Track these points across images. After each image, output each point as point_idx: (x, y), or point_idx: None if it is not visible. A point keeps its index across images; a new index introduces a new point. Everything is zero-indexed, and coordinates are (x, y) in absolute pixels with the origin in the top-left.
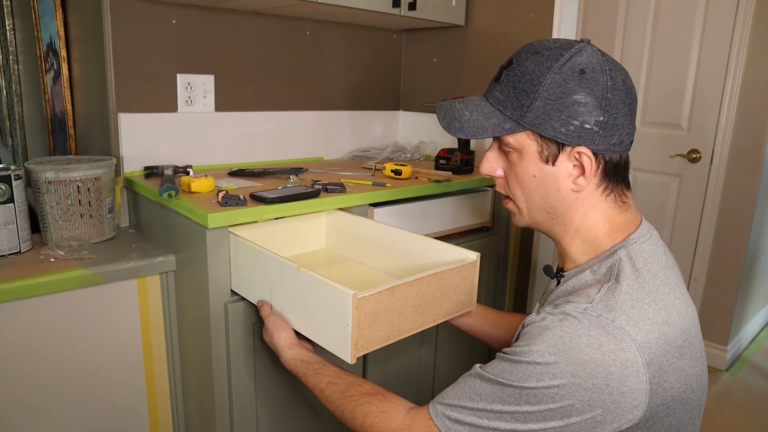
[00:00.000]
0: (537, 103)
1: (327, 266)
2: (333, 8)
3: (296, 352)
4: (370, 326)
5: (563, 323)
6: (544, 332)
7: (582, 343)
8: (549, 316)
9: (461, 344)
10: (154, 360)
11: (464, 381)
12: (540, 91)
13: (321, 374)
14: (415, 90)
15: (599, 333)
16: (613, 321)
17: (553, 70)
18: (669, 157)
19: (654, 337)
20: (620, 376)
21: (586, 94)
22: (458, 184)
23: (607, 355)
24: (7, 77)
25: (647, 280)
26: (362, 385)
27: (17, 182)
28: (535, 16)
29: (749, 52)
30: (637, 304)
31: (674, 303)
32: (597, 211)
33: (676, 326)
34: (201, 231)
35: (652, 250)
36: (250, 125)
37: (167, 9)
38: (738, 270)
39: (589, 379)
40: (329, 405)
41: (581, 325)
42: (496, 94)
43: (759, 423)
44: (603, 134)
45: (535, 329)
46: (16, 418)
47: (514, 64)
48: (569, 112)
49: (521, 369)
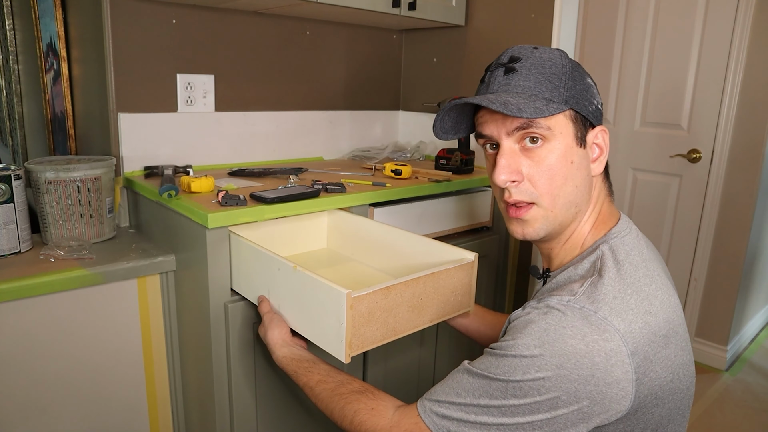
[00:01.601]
0: (569, 83)
1: (327, 266)
2: (333, 8)
3: (288, 350)
4: (365, 326)
5: (547, 316)
6: (529, 325)
7: (566, 335)
8: (533, 310)
9: (461, 344)
10: (154, 360)
11: (452, 377)
12: (567, 73)
13: (311, 372)
14: (415, 90)
15: (582, 324)
16: (596, 312)
17: (564, 57)
18: (669, 157)
19: (637, 326)
20: (605, 366)
21: (590, 79)
22: (458, 184)
23: (591, 346)
24: (7, 77)
25: (629, 272)
26: (352, 383)
27: (17, 182)
28: (535, 16)
29: (749, 52)
30: (620, 295)
31: (656, 293)
32: (597, 200)
33: (660, 316)
34: (201, 231)
35: (632, 243)
36: (250, 125)
37: (167, 9)
38: (738, 270)
39: (574, 370)
40: (319, 403)
41: (565, 317)
42: (520, 82)
43: (759, 423)
44: (601, 116)
45: (520, 323)
46: (16, 417)
47: (522, 58)
48: (589, 92)
49: (507, 362)
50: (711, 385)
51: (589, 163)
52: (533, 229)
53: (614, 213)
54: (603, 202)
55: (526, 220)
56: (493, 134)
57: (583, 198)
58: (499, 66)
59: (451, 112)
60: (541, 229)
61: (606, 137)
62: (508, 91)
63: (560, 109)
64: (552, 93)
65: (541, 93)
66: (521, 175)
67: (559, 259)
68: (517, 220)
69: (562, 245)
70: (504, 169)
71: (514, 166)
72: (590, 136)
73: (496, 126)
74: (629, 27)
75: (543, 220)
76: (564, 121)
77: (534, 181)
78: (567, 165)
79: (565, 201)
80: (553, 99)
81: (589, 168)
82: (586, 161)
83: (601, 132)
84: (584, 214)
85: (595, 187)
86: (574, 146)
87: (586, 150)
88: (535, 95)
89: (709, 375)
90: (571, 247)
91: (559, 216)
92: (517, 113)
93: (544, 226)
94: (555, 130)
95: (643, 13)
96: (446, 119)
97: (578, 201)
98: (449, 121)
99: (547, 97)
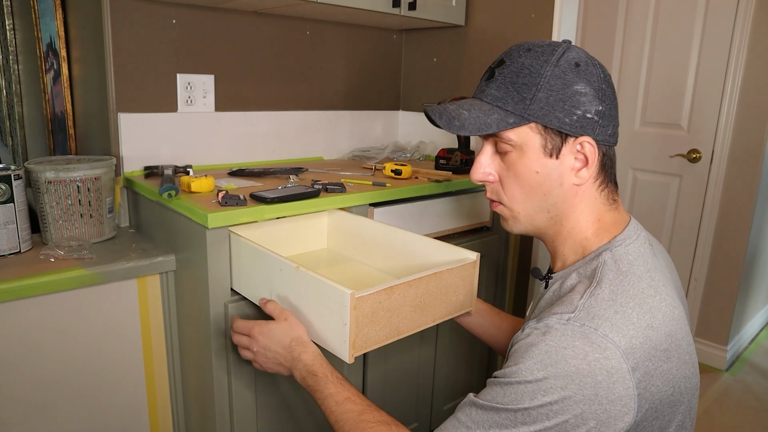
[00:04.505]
0: (540, 94)
1: (328, 266)
2: (333, 8)
3: (317, 349)
4: (369, 326)
5: (547, 337)
6: (530, 349)
7: (568, 355)
8: (533, 332)
9: (461, 344)
10: (154, 360)
11: (460, 411)
12: (542, 82)
13: (343, 385)
14: (415, 90)
15: (583, 343)
16: (596, 329)
17: (550, 62)
18: (669, 157)
19: (638, 342)
20: (607, 384)
21: (585, 84)
22: (458, 184)
23: (593, 365)
24: (7, 77)
25: (632, 283)
26: (379, 412)
27: (17, 182)
28: (535, 16)
29: (749, 52)
30: (620, 309)
31: (659, 306)
32: (591, 208)
33: (662, 330)
34: (201, 231)
35: (637, 252)
36: (250, 125)
37: (167, 9)
38: (738, 270)
39: (579, 391)
40: (338, 420)
41: (565, 337)
42: (492, 92)
43: (759, 423)
44: (601, 124)
45: (521, 347)
46: (16, 417)
47: (507, 62)
48: (572, 101)
49: (513, 390)
50: (711, 385)
51: (566, 172)
52: (507, 224)
53: (622, 219)
54: (601, 209)
55: (501, 215)
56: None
57: (558, 206)
58: (489, 68)
59: None
60: (514, 226)
61: (592, 148)
62: (482, 99)
63: (517, 124)
64: (516, 106)
65: (504, 105)
66: (493, 176)
67: (562, 260)
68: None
69: (563, 246)
70: (477, 168)
71: (486, 167)
72: (567, 147)
73: None
74: (629, 27)
75: (512, 219)
76: (529, 134)
77: (503, 183)
78: (532, 174)
79: (533, 206)
80: (514, 112)
81: (563, 177)
82: (557, 171)
83: (585, 142)
84: (570, 219)
85: (583, 195)
86: (541, 157)
87: (560, 160)
88: (498, 107)
89: (709, 375)
90: (572, 248)
91: (528, 218)
92: (457, 131)
93: (516, 225)
94: (517, 141)
95: (643, 13)
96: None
97: (549, 207)
98: None
99: (509, 110)
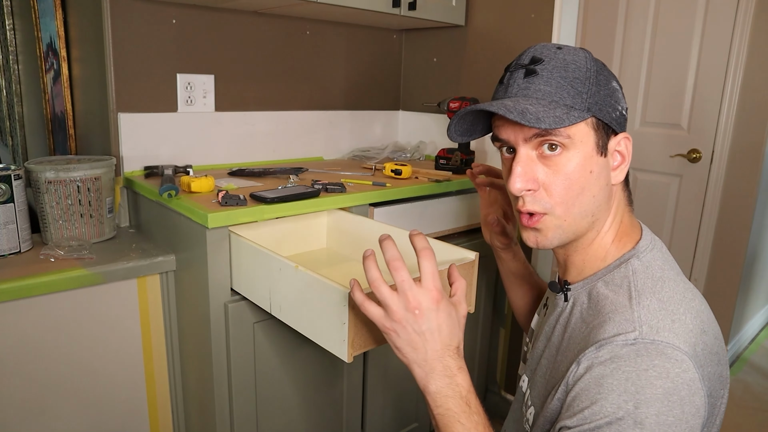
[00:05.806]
0: (593, 88)
1: (328, 266)
2: (333, 8)
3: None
4: (367, 325)
5: (620, 363)
6: (605, 382)
7: (651, 377)
8: (596, 364)
9: None
10: (154, 360)
11: None
12: (590, 77)
13: (480, 412)
14: (415, 90)
15: (662, 360)
16: (668, 343)
17: (588, 59)
18: (669, 157)
19: (699, 349)
20: (690, 398)
21: (616, 82)
22: (458, 184)
23: (676, 381)
24: (7, 77)
25: (672, 289)
26: None
27: (17, 182)
28: (535, 16)
29: (749, 52)
30: (675, 317)
31: (701, 308)
32: (618, 209)
33: (710, 333)
34: (201, 231)
35: (664, 257)
36: (250, 125)
37: (167, 9)
38: (738, 270)
39: (670, 412)
40: None
41: (641, 358)
42: (540, 87)
43: (759, 423)
44: (625, 122)
45: (590, 384)
46: (16, 418)
47: (545, 59)
48: (615, 97)
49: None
50: None
51: (610, 171)
52: (546, 238)
53: (635, 224)
54: (623, 212)
55: (539, 230)
56: (510, 139)
57: (601, 208)
58: (520, 67)
59: (467, 115)
60: (555, 238)
61: (629, 145)
62: (528, 96)
63: (582, 118)
64: (574, 99)
65: (562, 99)
66: (537, 184)
67: (577, 269)
68: (532, 228)
69: (581, 254)
70: (520, 178)
71: (530, 174)
72: (612, 143)
73: (513, 131)
74: (629, 27)
75: (556, 229)
76: (585, 129)
77: (549, 190)
78: (586, 174)
79: (581, 210)
80: (574, 106)
81: (608, 177)
82: (606, 170)
83: (624, 139)
84: (603, 223)
85: (614, 196)
86: (594, 155)
87: (607, 158)
88: (555, 101)
89: None
90: (592, 257)
91: (573, 225)
92: (536, 123)
93: (558, 236)
94: (575, 138)
95: (643, 13)
96: (462, 122)
97: (595, 210)
98: (465, 123)
99: (569, 104)
